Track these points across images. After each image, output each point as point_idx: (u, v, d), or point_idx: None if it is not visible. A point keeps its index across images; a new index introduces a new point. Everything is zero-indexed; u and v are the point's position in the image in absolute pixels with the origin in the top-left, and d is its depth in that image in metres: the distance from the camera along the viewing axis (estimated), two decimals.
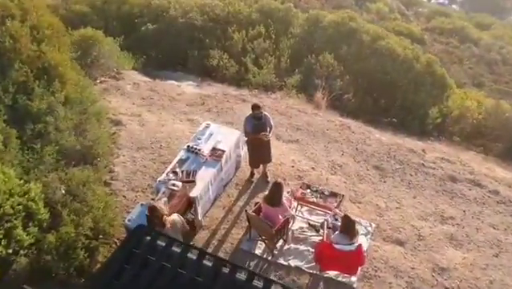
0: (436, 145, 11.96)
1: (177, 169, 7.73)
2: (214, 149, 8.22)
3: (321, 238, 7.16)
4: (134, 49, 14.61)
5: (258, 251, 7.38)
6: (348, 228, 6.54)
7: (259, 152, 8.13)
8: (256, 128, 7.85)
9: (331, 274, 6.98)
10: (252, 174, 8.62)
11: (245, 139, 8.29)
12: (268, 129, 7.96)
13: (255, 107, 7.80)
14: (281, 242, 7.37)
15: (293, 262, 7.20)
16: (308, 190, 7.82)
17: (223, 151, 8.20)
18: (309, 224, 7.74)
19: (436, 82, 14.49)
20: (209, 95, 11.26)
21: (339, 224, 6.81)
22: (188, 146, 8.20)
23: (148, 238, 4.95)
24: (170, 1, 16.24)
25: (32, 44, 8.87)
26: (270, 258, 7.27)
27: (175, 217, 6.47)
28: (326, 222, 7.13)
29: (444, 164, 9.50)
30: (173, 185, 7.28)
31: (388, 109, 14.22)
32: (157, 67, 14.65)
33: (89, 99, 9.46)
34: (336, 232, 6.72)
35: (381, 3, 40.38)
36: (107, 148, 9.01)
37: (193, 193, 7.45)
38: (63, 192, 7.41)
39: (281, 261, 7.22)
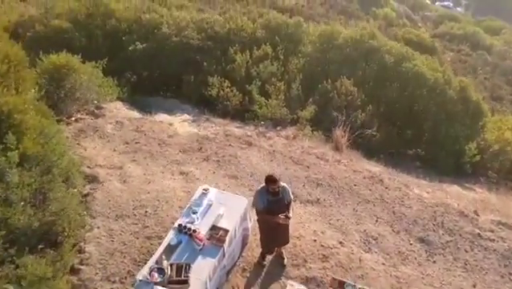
0: (479, 192, 10.04)
1: (164, 262, 5.72)
2: (214, 229, 6.22)
3: None
4: (120, 72, 12.63)
5: None
6: None
7: (275, 234, 6.13)
8: (271, 207, 5.85)
9: None
10: (263, 256, 6.61)
11: (256, 217, 6.26)
12: (286, 206, 5.95)
13: (270, 180, 5.78)
14: None
15: None
16: None
17: (226, 231, 6.19)
18: None
19: (471, 109, 12.52)
20: (208, 136, 9.25)
21: None
22: (180, 225, 6.20)
23: None
24: (163, 14, 14.24)
25: None
26: None
27: None
28: None
29: (504, 233, 7.52)
30: None
31: (416, 142, 12.28)
32: (147, 93, 12.68)
33: (55, 152, 7.41)
34: None
35: (388, 8, 38.54)
36: (77, 219, 6.99)
37: None
38: None
39: None
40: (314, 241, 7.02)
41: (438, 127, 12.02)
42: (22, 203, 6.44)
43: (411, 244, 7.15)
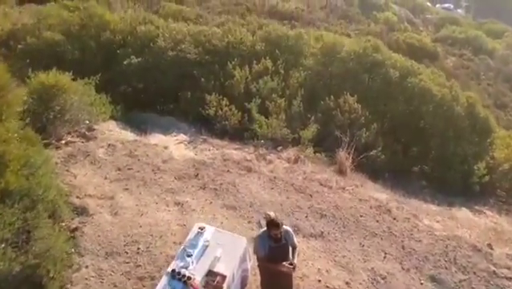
0: (490, 216, 9.58)
1: None
2: (211, 274, 5.72)
3: None
4: (115, 87, 12.19)
5: None
6: None
7: (277, 282, 5.62)
8: (274, 254, 5.35)
9: None
10: None
11: (257, 264, 5.77)
12: (291, 252, 5.45)
13: (272, 225, 5.27)
14: None
15: None
16: None
17: (223, 277, 5.70)
18: None
19: (478, 125, 12.05)
20: (205, 161, 8.76)
21: None
22: (173, 271, 5.70)
23: None
24: (159, 25, 13.77)
25: None
26: None
27: None
28: None
29: None
30: None
31: (422, 159, 11.82)
32: (143, 108, 12.21)
33: (42, 184, 6.94)
34: None
35: (389, 12, 38.08)
36: (64, 258, 6.51)
37: None
38: None
39: None
40: (319, 281, 6.53)
41: (445, 144, 11.58)
42: (3, 245, 5.97)
43: (422, 283, 6.67)
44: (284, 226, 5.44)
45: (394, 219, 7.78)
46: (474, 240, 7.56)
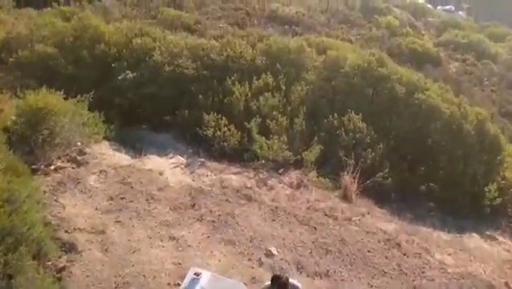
0: (502, 242, 9.13)
1: None
2: None
3: None
4: (109, 101, 11.69)
5: None
6: None
7: None
8: None
9: None
10: None
11: None
12: None
13: (280, 285, 4.76)
14: None
15: None
16: None
17: None
18: None
19: (488, 143, 11.58)
20: (202, 189, 8.29)
21: None
22: None
23: None
24: (155, 37, 13.27)
25: None
26: None
27: None
28: None
29: None
30: None
31: (429, 178, 11.32)
32: (138, 124, 11.74)
33: (26, 220, 6.45)
34: None
35: (391, 16, 37.64)
36: None
37: None
38: None
39: None
40: None
41: (453, 163, 11.10)
42: None
43: None
44: (291, 281, 4.95)
45: (404, 255, 7.30)
46: (490, 277, 7.09)
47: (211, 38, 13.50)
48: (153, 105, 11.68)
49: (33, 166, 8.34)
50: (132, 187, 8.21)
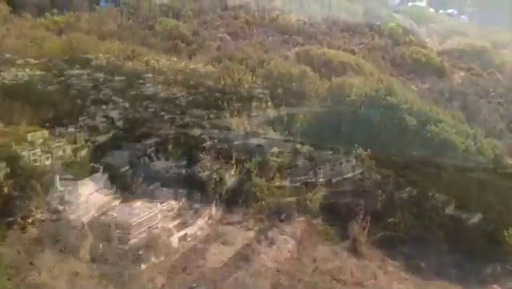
0: None
1: None
2: None
3: None
4: (99, 130, 10.89)
5: None
6: None
7: None
8: None
9: None
10: None
11: None
12: None
13: None
14: None
15: None
16: None
17: None
18: None
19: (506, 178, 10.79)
20: (195, 247, 7.51)
21: None
22: None
23: None
24: (148, 60, 12.44)
25: None
26: None
27: None
28: None
29: None
30: None
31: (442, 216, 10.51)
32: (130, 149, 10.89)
33: None
34: None
35: (394, 23, 36.86)
36: None
37: None
38: None
39: None
40: None
41: (467, 201, 10.31)
42: None
43: None
44: None
45: None
46: None
47: (208, 62, 12.45)
48: (145, 135, 10.88)
49: (9, 219, 7.52)
50: (116, 247, 7.35)
